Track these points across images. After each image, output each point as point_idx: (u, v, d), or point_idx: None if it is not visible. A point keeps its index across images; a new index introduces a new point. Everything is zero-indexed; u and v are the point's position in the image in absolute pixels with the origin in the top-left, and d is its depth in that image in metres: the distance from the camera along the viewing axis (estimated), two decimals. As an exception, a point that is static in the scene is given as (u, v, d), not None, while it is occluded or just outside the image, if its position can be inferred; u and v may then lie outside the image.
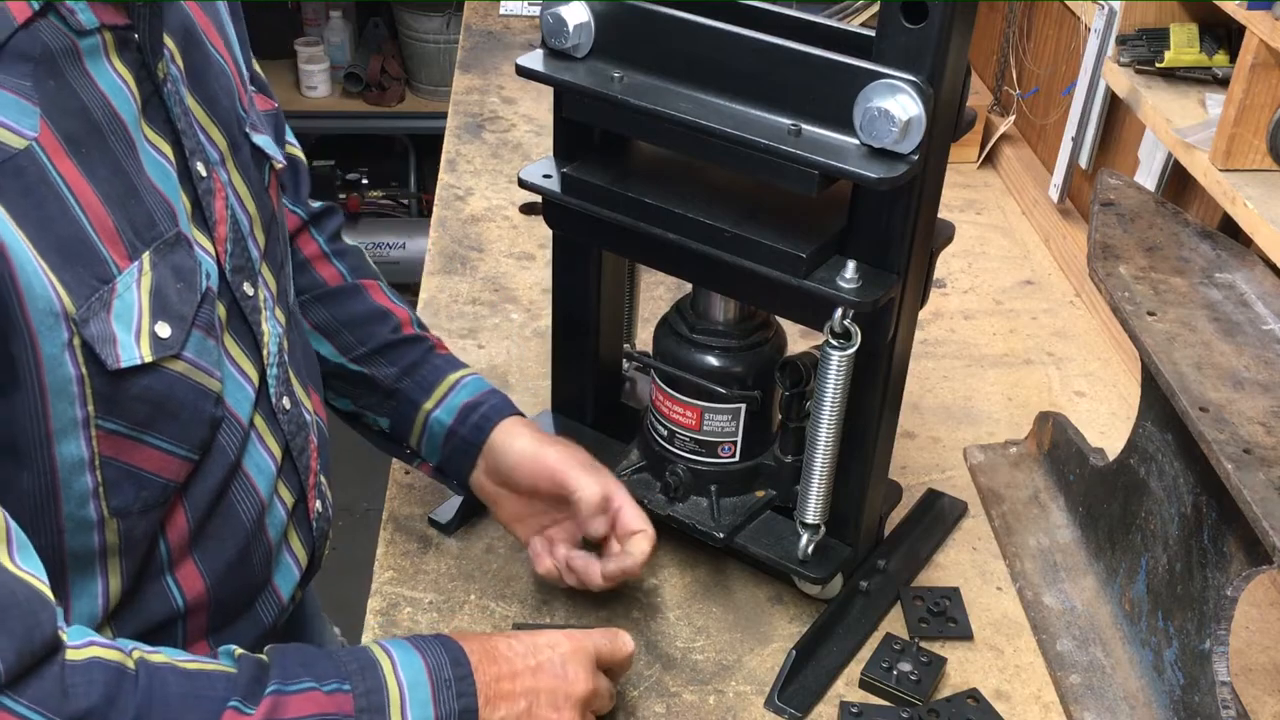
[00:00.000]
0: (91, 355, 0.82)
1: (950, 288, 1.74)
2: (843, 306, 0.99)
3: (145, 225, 0.86)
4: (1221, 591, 1.00)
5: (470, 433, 1.16)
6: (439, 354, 1.22)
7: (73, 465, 0.84)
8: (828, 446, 1.06)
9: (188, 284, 0.90)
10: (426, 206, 3.76)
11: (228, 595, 1.00)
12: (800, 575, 1.16)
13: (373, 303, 1.22)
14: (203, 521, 0.96)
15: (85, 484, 0.85)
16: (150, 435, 0.88)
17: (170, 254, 0.88)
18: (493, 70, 2.31)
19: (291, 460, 1.05)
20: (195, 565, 0.97)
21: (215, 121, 0.97)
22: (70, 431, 0.83)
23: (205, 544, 0.97)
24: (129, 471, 0.88)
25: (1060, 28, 1.90)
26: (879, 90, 0.92)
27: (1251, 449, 0.95)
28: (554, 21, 1.03)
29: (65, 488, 0.84)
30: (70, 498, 0.85)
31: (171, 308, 0.87)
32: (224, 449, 0.96)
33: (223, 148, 0.97)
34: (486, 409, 1.17)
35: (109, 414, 0.85)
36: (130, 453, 0.87)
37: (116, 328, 0.83)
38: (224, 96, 0.99)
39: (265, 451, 1.01)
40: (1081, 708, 1.10)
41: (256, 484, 1.00)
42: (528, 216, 1.83)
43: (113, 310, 0.83)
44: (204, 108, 0.95)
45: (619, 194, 1.07)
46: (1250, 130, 1.30)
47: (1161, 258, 1.19)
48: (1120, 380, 1.56)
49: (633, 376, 1.37)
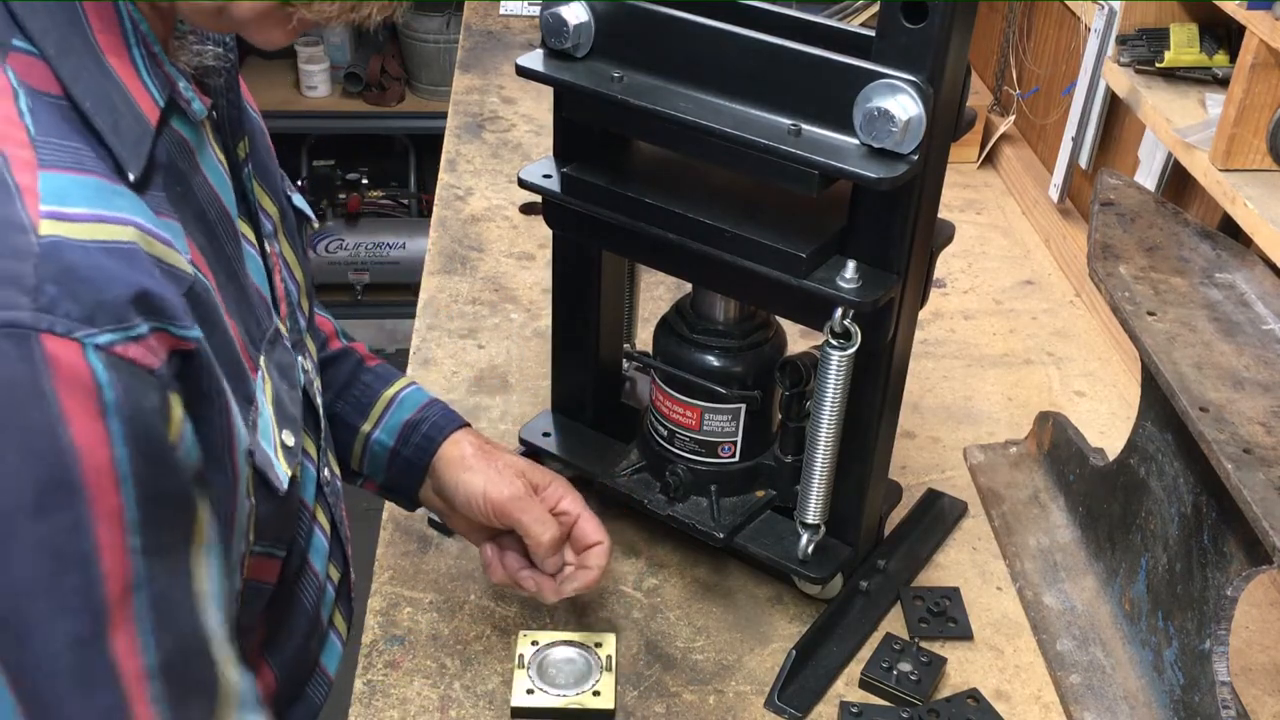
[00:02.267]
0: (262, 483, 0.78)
1: (950, 288, 1.74)
2: (843, 306, 0.99)
3: (255, 327, 0.81)
4: (1221, 591, 1.00)
5: (414, 454, 1.10)
6: (368, 368, 1.14)
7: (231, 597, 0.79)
8: (828, 446, 1.06)
9: (290, 381, 0.85)
10: (426, 206, 3.76)
11: (290, 686, 0.97)
12: (800, 575, 1.16)
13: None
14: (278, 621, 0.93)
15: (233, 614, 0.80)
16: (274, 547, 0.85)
17: (273, 352, 0.83)
18: (493, 70, 2.31)
19: (336, 532, 1.01)
20: (268, 664, 0.94)
21: (267, 191, 0.91)
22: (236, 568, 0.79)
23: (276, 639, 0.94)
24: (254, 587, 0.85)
25: (1060, 28, 1.90)
26: (879, 90, 0.92)
27: (1251, 449, 0.95)
28: (554, 21, 1.03)
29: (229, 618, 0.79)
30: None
31: (287, 411, 0.83)
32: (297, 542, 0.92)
33: (275, 218, 0.92)
34: (428, 427, 1.10)
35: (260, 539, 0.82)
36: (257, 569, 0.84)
37: (266, 449, 0.79)
38: (270, 160, 0.94)
39: (320, 531, 0.97)
40: (1081, 708, 1.10)
41: (315, 568, 0.97)
42: (528, 216, 1.83)
43: (259, 430, 0.79)
44: (258, 178, 0.90)
45: (619, 194, 1.07)
46: (1250, 130, 1.30)
47: (1161, 258, 1.19)
48: (1120, 380, 1.55)
49: (633, 376, 1.37)
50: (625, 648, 1.14)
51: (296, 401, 0.85)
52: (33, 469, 0.61)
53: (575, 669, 1.10)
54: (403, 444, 1.10)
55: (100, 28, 0.70)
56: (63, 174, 0.65)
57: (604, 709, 1.07)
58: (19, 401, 0.60)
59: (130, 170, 0.70)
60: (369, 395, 1.11)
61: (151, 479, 0.65)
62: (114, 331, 0.63)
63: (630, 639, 1.15)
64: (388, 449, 1.10)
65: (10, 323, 0.59)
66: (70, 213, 0.64)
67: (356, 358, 1.14)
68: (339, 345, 1.14)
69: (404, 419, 1.10)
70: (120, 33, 0.71)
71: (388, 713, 1.07)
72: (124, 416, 0.63)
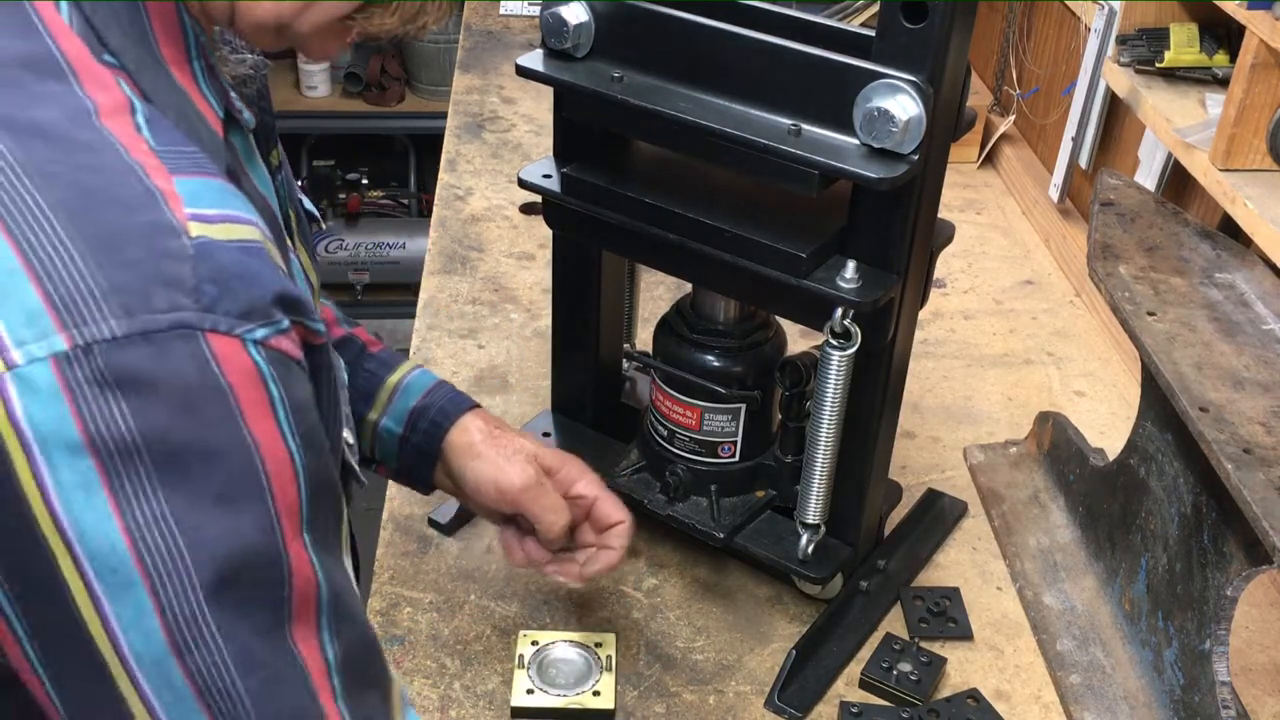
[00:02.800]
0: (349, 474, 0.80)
1: (950, 288, 1.74)
2: (843, 306, 0.99)
3: None
4: (1221, 591, 1.00)
5: (422, 440, 1.09)
6: (371, 355, 1.13)
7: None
8: (828, 446, 1.06)
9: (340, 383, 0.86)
10: (426, 206, 3.76)
11: None
12: (800, 575, 1.16)
13: None
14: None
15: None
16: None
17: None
18: (493, 70, 2.31)
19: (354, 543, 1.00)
20: None
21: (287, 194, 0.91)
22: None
23: None
24: None
25: (1060, 28, 1.90)
26: (879, 90, 0.92)
27: (1251, 449, 0.95)
28: (554, 21, 1.03)
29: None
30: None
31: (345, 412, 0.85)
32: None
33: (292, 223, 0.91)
34: (434, 413, 1.09)
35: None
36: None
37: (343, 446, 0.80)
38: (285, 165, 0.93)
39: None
40: (1081, 708, 1.10)
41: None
42: (528, 216, 1.83)
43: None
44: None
45: (619, 194, 1.07)
46: (1250, 130, 1.30)
47: (1161, 258, 1.19)
48: (1120, 380, 1.55)
49: (633, 376, 1.37)
50: (625, 648, 1.14)
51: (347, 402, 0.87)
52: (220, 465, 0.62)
53: (575, 669, 1.10)
54: (411, 430, 1.09)
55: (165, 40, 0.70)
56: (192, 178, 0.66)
57: (604, 709, 1.07)
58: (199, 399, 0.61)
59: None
60: (373, 382, 1.11)
61: (315, 471, 0.66)
62: (266, 326, 0.64)
63: (630, 639, 1.15)
64: (396, 436, 1.10)
65: (179, 324, 0.60)
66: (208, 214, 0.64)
67: (359, 344, 1.13)
68: (341, 332, 1.14)
69: (410, 405, 1.10)
70: (184, 45, 0.71)
71: (388, 713, 1.07)
72: (289, 408, 0.64)
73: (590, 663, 1.11)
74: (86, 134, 0.63)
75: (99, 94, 0.65)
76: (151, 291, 0.60)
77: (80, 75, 0.65)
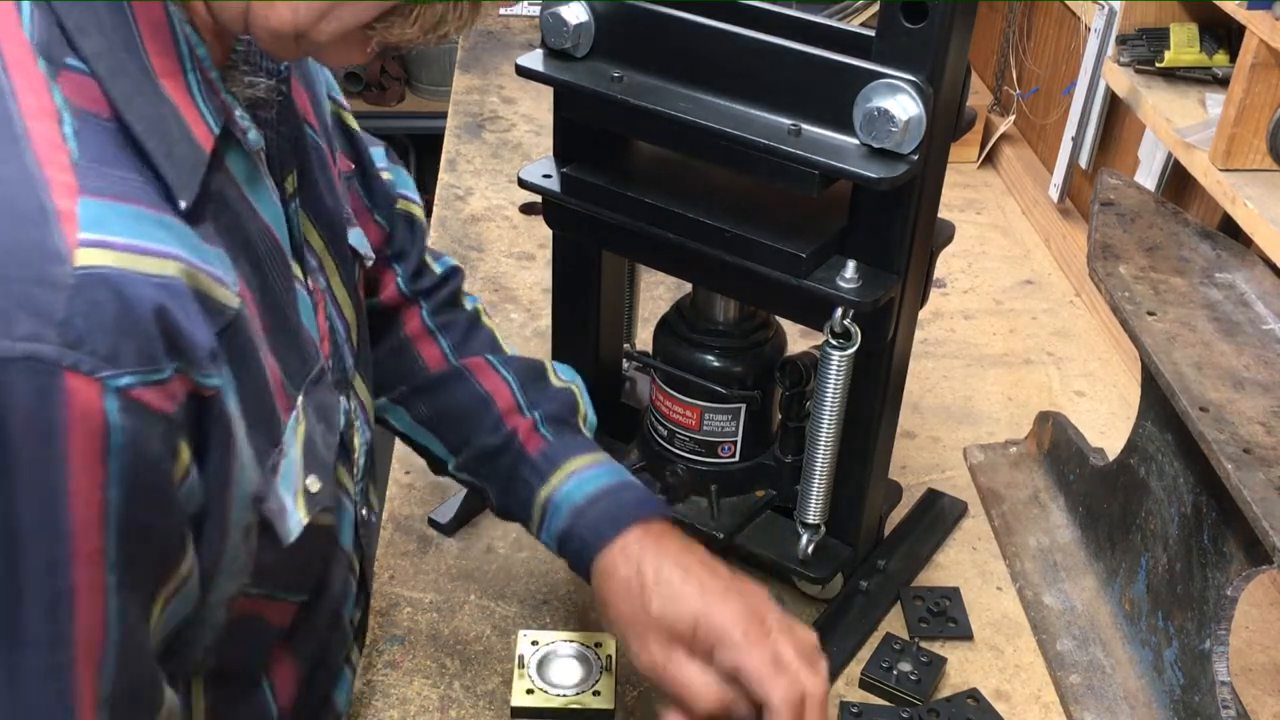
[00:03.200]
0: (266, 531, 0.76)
1: (950, 288, 1.74)
2: (843, 306, 0.99)
3: (299, 365, 0.78)
4: (1221, 591, 1.00)
5: (574, 559, 0.98)
6: (527, 458, 1.01)
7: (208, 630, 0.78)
8: (828, 446, 1.06)
9: (329, 424, 0.82)
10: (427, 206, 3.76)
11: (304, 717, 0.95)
12: (800, 575, 1.16)
13: (474, 389, 1.05)
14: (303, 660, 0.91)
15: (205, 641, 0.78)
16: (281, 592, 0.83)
17: (315, 392, 0.80)
18: (493, 70, 2.31)
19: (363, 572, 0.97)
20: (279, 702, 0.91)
21: (315, 224, 0.87)
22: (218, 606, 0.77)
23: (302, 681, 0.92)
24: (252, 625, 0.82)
25: (1060, 28, 1.90)
26: (879, 90, 0.92)
27: (1251, 449, 0.95)
28: (554, 21, 1.03)
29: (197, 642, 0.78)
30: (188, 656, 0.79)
31: (319, 457, 0.80)
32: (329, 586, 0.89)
33: (320, 251, 0.87)
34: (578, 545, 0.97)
35: (259, 583, 0.79)
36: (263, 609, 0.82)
37: (284, 496, 0.76)
38: (328, 195, 0.89)
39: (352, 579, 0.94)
40: (1081, 708, 1.10)
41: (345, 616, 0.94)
42: (528, 216, 1.83)
43: (279, 474, 0.76)
44: (307, 210, 0.86)
45: (619, 194, 1.07)
46: (1250, 130, 1.30)
47: (1161, 258, 1.19)
48: (1120, 380, 1.55)
49: (633, 376, 1.37)
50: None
51: (331, 446, 0.83)
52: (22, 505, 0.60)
53: (575, 669, 1.10)
54: (561, 549, 0.99)
55: (155, 50, 0.68)
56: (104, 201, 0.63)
57: (604, 709, 1.07)
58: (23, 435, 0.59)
59: (182, 198, 0.67)
60: (528, 492, 1.01)
61: (140, 519, 0.64)
62: (135, 374, 0.61)
63: (630, 639, 1.15)
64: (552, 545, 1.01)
65: (32, 355, 0.58)
66: (110, 240, 0.61)
67: (516, 448, 1.02)
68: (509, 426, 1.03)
69: (559, 528, 0.98)
70: (176, 56, 0.69)
71: (388, 713, 1.07)
72: (125, 460, 0.62)
73: (590, 662, 1.10)
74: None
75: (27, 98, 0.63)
76: (15, 317, 0.58)
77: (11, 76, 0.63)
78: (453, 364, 1.08)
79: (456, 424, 1.05)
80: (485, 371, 1.06)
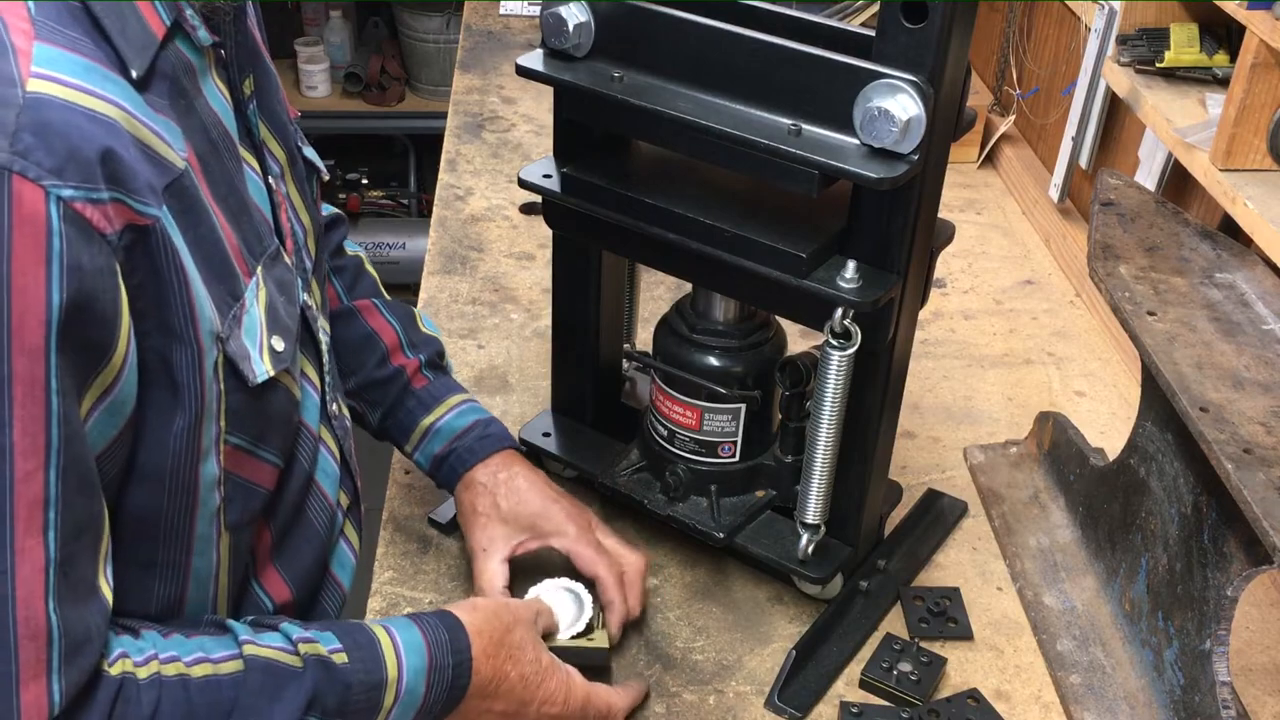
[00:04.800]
0: (233, 372, 0.83)
1: (950, 288, 1.74)
2: (843, 306, 0.99)
3: (255, 240, 0.87)
4: (1221, 591, 1.00)
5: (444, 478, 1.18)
6: (413, 391, 1.20)
7: (209, 484, 0.85)
8: (828, 446, 1.06)
9: (289, 297, 0.91)
10: (426, 206, 3.76)
11: (305, 595, 1.03)
12: (800, 575, 1.16)
13: (363, 327, 1.21)
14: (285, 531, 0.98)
15: (214, 501, 0.86)
16: (262, 448, 0.90)
17: (274, 268, 0.89)
18: (493, 70, 2.31)
19: (346, 462, 1.07)
20: (279, 573, 0.99)
21: (275, 135, 0.97)
22: (210, 450, 0.84)
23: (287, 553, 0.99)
24: (243, 485, 0.89)
25: (1060, 28, 1.90)
26: (879, 90, 0.92)
27: (1251, 449, 0.95)
28: (554, 21, 1.03)
29: (201, 506, 0.85)
30: (203, 516, 0.86)
31: (281, 321, 0.89)
32: (299, 460, 0.97)
33: (282, 161, 0.97)
34: (449, 465, 1.17)
35: (236, 429, 0.86)
36: (246, 467, 0.88)
37: (247, 344, 0.84)
38: (281, 110, 0.99)
39: (330, 457, 1.03)
40: (1081, 708, 1.10)
41: (325, 489, 1.02)
42: (528, 216, 1.83)
43: (243, 326, 0.84)
44: (266, 121, 0.95)
45: (619, 194, 1.07)
46: (1250, 130, 1.30)
47: (1161, 258, 1.19)
48: (1120, 380, 1.56)
49: (633, 376, 1.37)
50: (625, 648, 1.14)
51: (294, 317, 0.91)
52: None
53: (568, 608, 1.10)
54: (435, 471, 1.19)
55: None
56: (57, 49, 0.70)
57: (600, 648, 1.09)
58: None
59: (134, 68, 0.75)
60: (411, 420, 1.19)
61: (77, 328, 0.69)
62: (77, 189, 0.68)
63: (630, 639, 1.15)
64: (425, 470, 1.20)
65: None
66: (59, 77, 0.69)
67: (404, 381, 1.20)
68: (397, 362, 1.20)
69: (434, 452, 1.18)
70: None
71: (388, 713, 1.07)
72: (65, 266, 0.68)
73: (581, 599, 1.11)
74: None
75: None
76: None
77: None
78: (345, 304, 1.22)
79: (349, 355, 1.20)
80: (373, 314, 1.22)
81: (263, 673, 0.82)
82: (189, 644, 0.82)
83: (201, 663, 0.81)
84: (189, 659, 0.81)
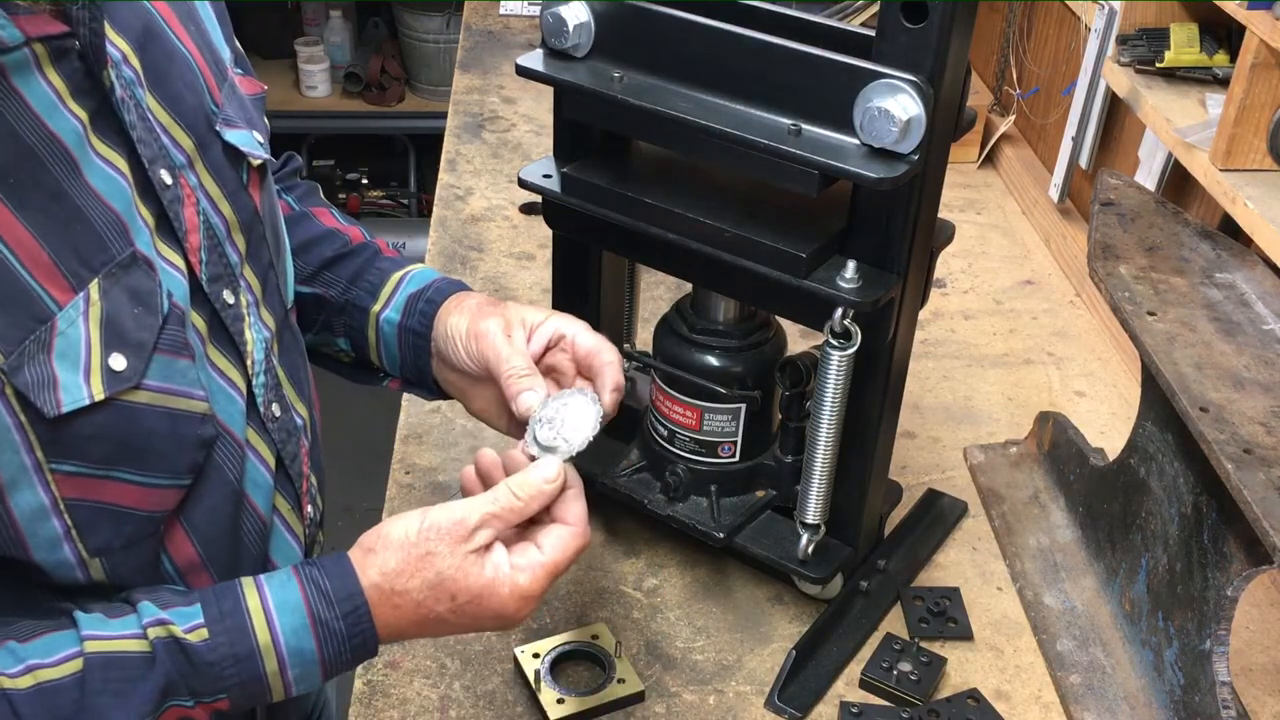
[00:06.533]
0: (27, 404, 0.77)
1: (950, 288, 1.74)
2: (843, 306, 0.99)
3: (93, 251, 0.81)
4: (1222, 591, 1.00)
5: (418, 322, 1.10)
6: (385, 257, 1.16)
7: (33, 513, 0.80)
8: (828, 446, 1.06)
9: (147, 307, 0.84)
10: (426, 206, 3.76)
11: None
12: (800, 575, 1.16)
13: (320, 226, 1.17)
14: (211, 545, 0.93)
15: (53, 528, 0.81)
16: (119, 471, 0.84)
17: (124, 277, 0.83)
18: (493, 70, 2.31)
19: (285, 468, 1.01)
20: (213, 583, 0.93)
21: (179, 122, 0.90)
22: (21, 480, 0.79)
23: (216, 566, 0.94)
24: (106, 510, 0.84)
25: (1060, 28, 1.90)
26: (879, 90, 0.92)
27: (1251, 449, 0.95)
28: (554, 21, 1.03)
29: (31, 535, 0.81)
30: (39, 545, 0.81)
31: (128, 336, 0.82)
32: (221, 468, 0.92)
33: (189, 150, 0.91)
34: (431, 292, 1.11)
35: (62, 457, 0.80)
36: (99, 491, 0.83)
37: (59, 369, 0.78)
38: (189, 94, 0.92)
39: (260, 464, 0.97)
40: (1081, 708, 1.10)
41: (256, 502, 0.96)
42: (528, 216, 1.83)
43: (54, 350, 0.78)
44: (166, 108, 0.89)
45: (619, 194, 1.07)
46: (1250, 130, 1.30)
47: (1161, 258, 1.19)
48: (1120, 380, 1.56)
49: (633, 376, 1.36)
50: (625, 648, 1.14)
51: (150, 328, 0.84)
52: None
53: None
54: (408, 315, 1.11)
55: None
56: None
57: (634, 692, 1.08)
58: None
59: None
60: (380, 277, 1.14)
61: None
62: None
63: (630, 639, 1.15)
64: (395, 325, 1.12)
65: None
66: None
67: (374, 249, 1.17)
68: (361, 240, 1.18)
69: (410, 292, 1.12)
70: None
71: (388, 713, 1.07)
72: None
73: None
74: None
75: None
76: None
77: None
78: (297, 210, 1.18)
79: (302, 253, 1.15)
80: (330, 218, 1.19)
81: (104, 668, 0.78)
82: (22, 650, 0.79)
83: (31, 670, 0.78)
84: (13, 670, 0.77)
